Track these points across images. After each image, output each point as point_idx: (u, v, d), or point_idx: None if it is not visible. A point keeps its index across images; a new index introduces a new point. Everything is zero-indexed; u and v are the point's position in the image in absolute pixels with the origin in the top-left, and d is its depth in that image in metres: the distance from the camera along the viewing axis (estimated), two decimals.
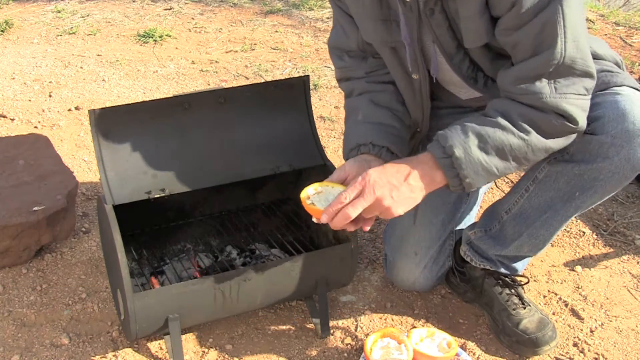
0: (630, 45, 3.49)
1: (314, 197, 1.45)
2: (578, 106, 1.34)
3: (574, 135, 1.38)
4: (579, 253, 2.02)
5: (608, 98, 1.43)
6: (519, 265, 1.73)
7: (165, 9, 4.22)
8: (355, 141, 1.56)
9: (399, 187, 1.34)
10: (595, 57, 1.52)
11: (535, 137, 1.35)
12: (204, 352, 1.65)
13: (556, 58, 1.29)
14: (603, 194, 1.48)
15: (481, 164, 1.35)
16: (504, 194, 1.81)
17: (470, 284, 1.77)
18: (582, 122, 1.36)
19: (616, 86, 1.46)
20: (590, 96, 1.36)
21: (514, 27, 1.31)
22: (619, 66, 1.54)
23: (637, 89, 1.46)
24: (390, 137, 1.57)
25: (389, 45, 1.54)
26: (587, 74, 1.33)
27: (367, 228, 1.40)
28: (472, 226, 1.74)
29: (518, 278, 1.74)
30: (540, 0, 1.26)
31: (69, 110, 2.88)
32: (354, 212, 1.32)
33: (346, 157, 1.59)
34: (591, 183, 1.44)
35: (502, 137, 1.34)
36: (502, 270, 1.71)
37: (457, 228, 1.83)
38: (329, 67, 3.32)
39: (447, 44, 1.46)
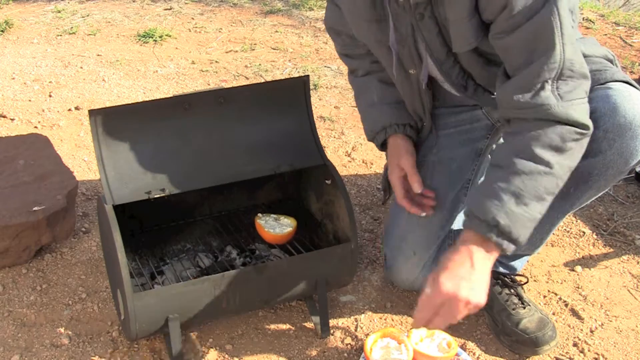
0: (630, 45, 3.49)
1: (268, 222, 1.79)
2: (584, 111, 1.33)
3: (587, 141, 1.36)
4: (579, 253, 2.02)
5: (599, 93, 1.43)
6: (517, 264, 1.73)
7: (165, 9, 4.22)
8: (380, 125, 1.71)
9: (471, 277, 1.31)
10: (585, 57, 1.52)
11: (557, 165, 1.32)
12: (204, 352, 1.65)
13: (556, 61, 1.27)
14: (598, 189, 1.48)
15: (526, 218, 1.33)
16: None
17: None
18: (591, 126, 1.34)
19: (607, 81, 1.45)
20: (587, 98, 1.35)
21: (506, 31, 1.30)
22: (611, 62, 1.54)
23: (628, 83, 1.46)
24: (408, 113, 1.71)
25: (385, 45, 1.54)
26: (584, 76, 1.32)
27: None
28: None
29: (517, 278, 1.74)
30: (534, 2, 1.25)
31: (69, 110, 2.88)
32: (443, 324, 1.33)
33: (371, 138, 1.75)
34: (585, 178, 1.44)
35: (532, 183, 1.32)
36: (501, 269, 1.71)
37: (456, 228, 1.83)
38: (328, 67, 3.32)
39: (436, 50, 1.46)
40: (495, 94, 1.54)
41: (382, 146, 1.74)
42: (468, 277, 1.30)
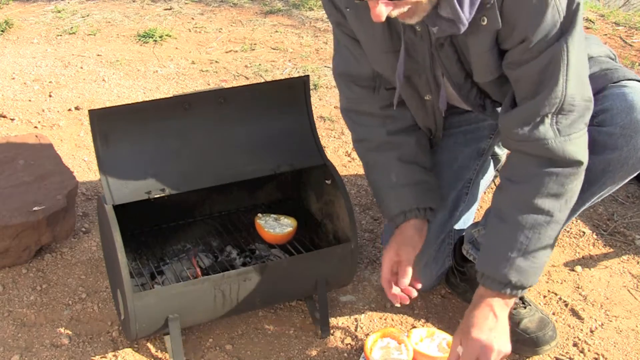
0: (630, 45, 3.49)
1: (267, 222, 1.79)
2: (581, 145, 1.35)
3: (583, 172, 1.39)
4: (579, 253, 2.02)
5: (614, 91, 1.45)
6: None
7: (165, 9, 4.22)
8: (399, 208, 1.60)
9: (497, 328, 1.41)
10: (590, 58, 1.52)
11: (557, 212, 1.38)
12: (204, 352, 1.65)
13: (558, 97, 1.30)
14: (612, 185, 1.49)
15: (535, 267, 1.41)
16: None
17: (470, 283, 1.77)
18: (585, 160, 1.37)
19: (620, 80, 1.47)
20: (586, 128, 1.37)
21: (521, 62, 1.32)
22: (613, 61, 1.56)
23: (639, 81, 1.48)
24: (429, 194, 1.63)
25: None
26: (586, 107, 1.34)
27: None
28: (475, 225, 1.74)
29: None
30: (549, 37, 1.27)
31: (69, 110, 2.88)
32: None
33: (391, 220, 1.64)
34: (599, 175, 1.45)
35: (536, 235, 1.39)
36: None
37: (457, 227, 1.83)
38: (328, 67, 3.32)
39: (455, 75, 1.47)
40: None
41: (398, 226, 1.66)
42: (495, 328, 1.40)
